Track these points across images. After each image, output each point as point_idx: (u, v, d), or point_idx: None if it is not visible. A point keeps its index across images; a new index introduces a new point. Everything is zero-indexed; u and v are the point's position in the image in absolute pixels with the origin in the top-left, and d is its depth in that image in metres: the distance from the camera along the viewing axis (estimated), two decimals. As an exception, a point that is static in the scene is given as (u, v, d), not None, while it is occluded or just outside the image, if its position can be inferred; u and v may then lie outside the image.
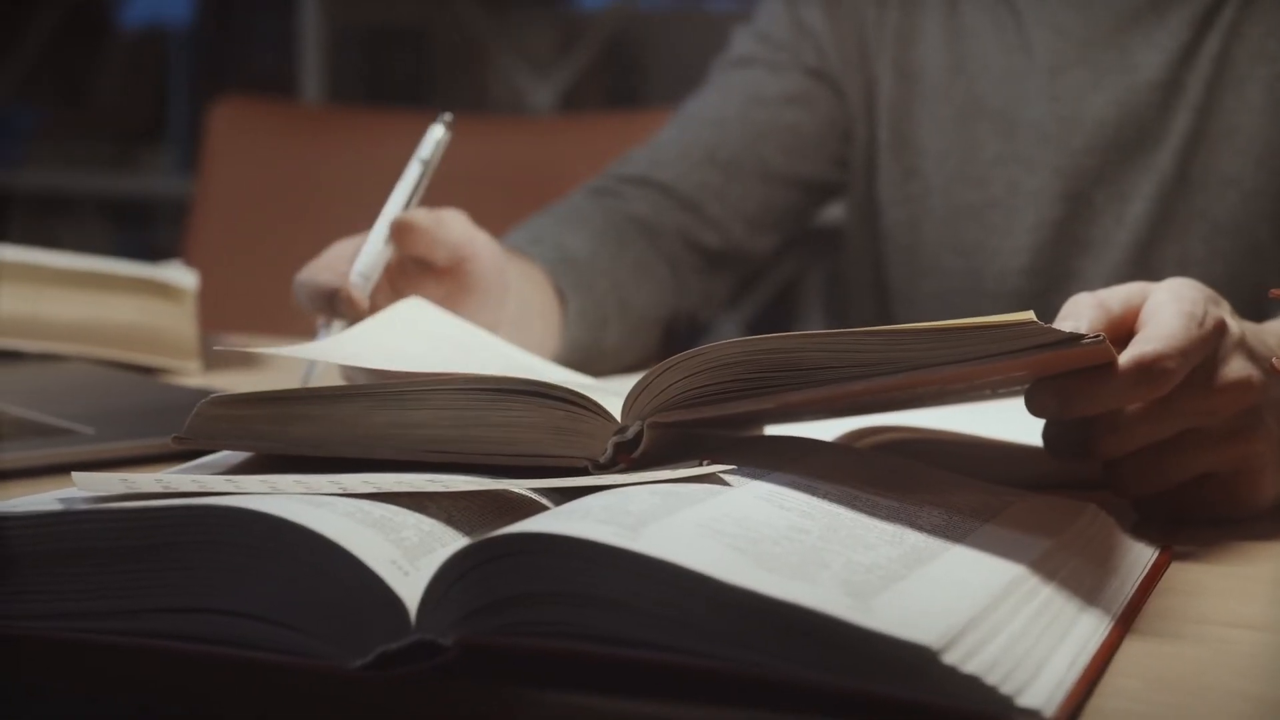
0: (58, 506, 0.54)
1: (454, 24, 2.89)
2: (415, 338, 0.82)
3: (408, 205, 0.91)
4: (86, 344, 1.14)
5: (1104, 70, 1.16)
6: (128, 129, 3.13)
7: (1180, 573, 0.65)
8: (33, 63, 3.19)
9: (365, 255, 0.87)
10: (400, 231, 0.88)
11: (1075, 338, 0.60)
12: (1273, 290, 0.65)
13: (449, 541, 0.54)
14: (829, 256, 2.43)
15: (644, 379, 0.62)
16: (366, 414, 0.62)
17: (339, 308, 0.85)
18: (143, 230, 3.21)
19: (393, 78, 2.92)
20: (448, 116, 0.94)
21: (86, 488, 0.55)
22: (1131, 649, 0.55)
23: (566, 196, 1.22)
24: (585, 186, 1.22)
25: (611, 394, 0.64)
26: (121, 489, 0.55)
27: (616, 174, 1.22)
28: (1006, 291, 1.17)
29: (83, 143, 3.13)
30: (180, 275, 1.21)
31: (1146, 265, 1.14)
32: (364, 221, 0.91)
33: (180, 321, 1.17)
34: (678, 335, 1.20)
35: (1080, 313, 0.68)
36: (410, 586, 0.50)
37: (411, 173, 0.92)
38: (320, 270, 0.87)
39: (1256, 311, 0.80)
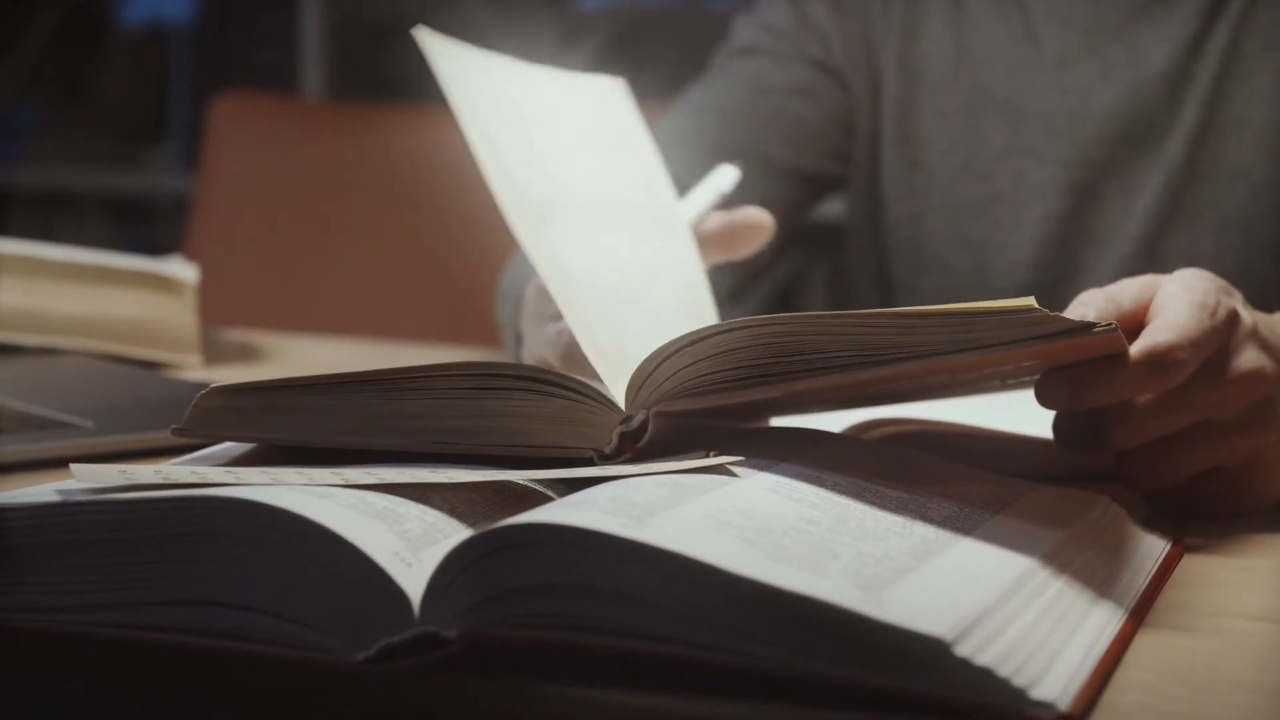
0: (55, 498, 0.54)
1: (455, 20, 2.88)
2: (567, 114, 0.84)
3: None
4: (87, 338, 1.13)
5: (1112, 62, 1.15)
6: (129, 127, 3.12)
7: (1193, 565, 0.64)
8: (33, 61, 3.19)
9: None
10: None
11: (1087, 326, 0.59)
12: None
13: (452, 533, 0.54)
14: (831, 254, 2.42)
15: (646, 365, 0.61)
16: (368, 404, 0.61)
17: None
18: (144, 228, 3.20)
19: (394, 74, 2.91)
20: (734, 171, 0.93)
21: (85, 479, 0.55)
22: (1145, 642, 0.55)
23: None
24: None
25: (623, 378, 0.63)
26: (120, 480, 0.55)
27: None
28: (1013, 286, 1.17)
29: (84, 140, 3.12)
30: (181, 269, 1.20)
31: (1154, 258, 1.14)
32: (364, 218, 0.90)
33: (181, 315, 1.17)
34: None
35: (1090, 301, 0.67)
36: (413, 578, 0.50)
37: (704, 199, 0.90)
38: None
39: (1266, 304, 0.79)
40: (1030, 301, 0.57)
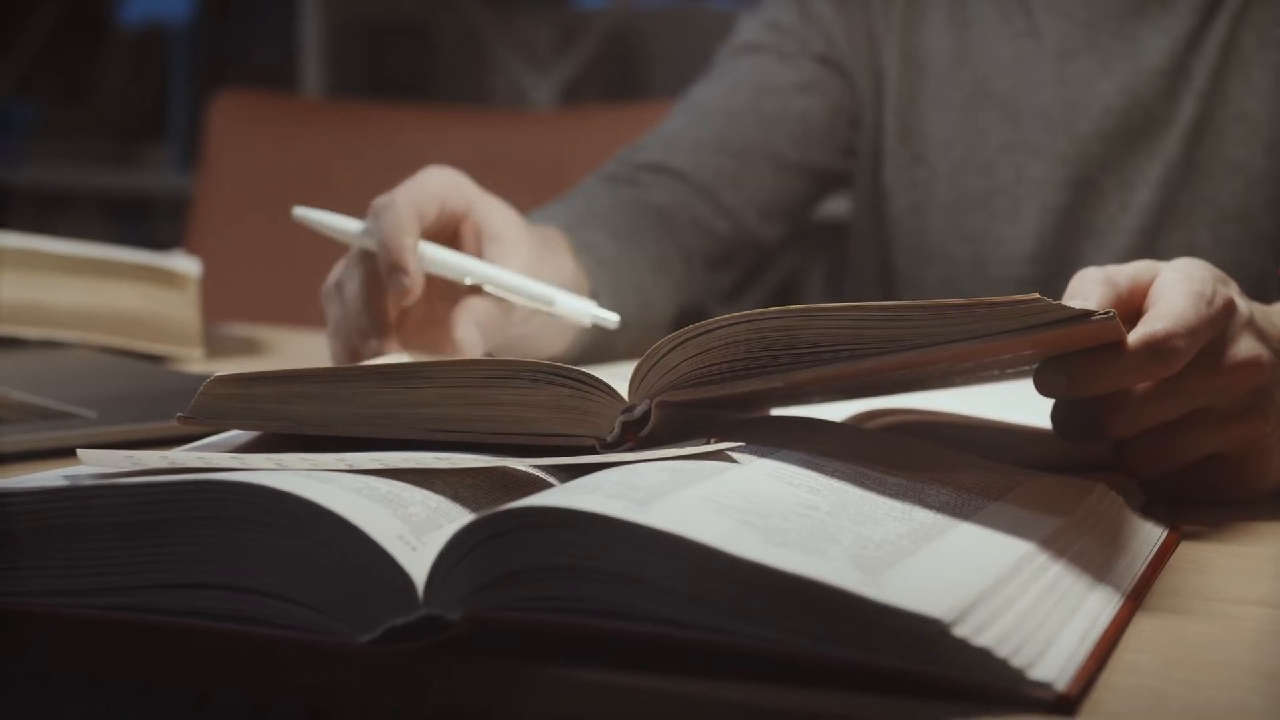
0: (63, 482, 0.54)
1: (455, 19, 2.89)
2: None
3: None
4: (89, 331, 1.13)
5: (1111, 56, 1.16)
6: (128, 125, 3.12)
7: (1189, 551, 0.65)
8: (33, 59, 3.19)
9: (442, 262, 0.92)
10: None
11: (1085, 314, 0.59)
12: (1280, 269, 0.65)
13: (456, 517, 0.54)
14: (833, 250, 2.43)
15: (649, 356, 0.62)
16: (373, 393, 0.62)
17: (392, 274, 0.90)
18: (143, 227, 3.20)
19: (394, 72, 2.92)
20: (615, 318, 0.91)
21: (92, 464, 0.55)
22: (1142, 625, 0.55)
23: (582, 185, 1.20)
24: (601, 173, 1.21)
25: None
26: (127, 465, 0.55)
27: (631, 161, 1.21)
28: (1012, 278, 1.17)
29: (83, 139, 3.12)
30: (183, 262, 1.20)
31: (1152, 252, 1.14)
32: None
33: (183, 309, 1.17)
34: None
35: (1088, 290, 0.68)
36: (418, 561, 0.50)
37: (526, 288, 0.91)
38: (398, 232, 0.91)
39: (1262, 297, 0.80)
40: (1034, 296, 0.58)
